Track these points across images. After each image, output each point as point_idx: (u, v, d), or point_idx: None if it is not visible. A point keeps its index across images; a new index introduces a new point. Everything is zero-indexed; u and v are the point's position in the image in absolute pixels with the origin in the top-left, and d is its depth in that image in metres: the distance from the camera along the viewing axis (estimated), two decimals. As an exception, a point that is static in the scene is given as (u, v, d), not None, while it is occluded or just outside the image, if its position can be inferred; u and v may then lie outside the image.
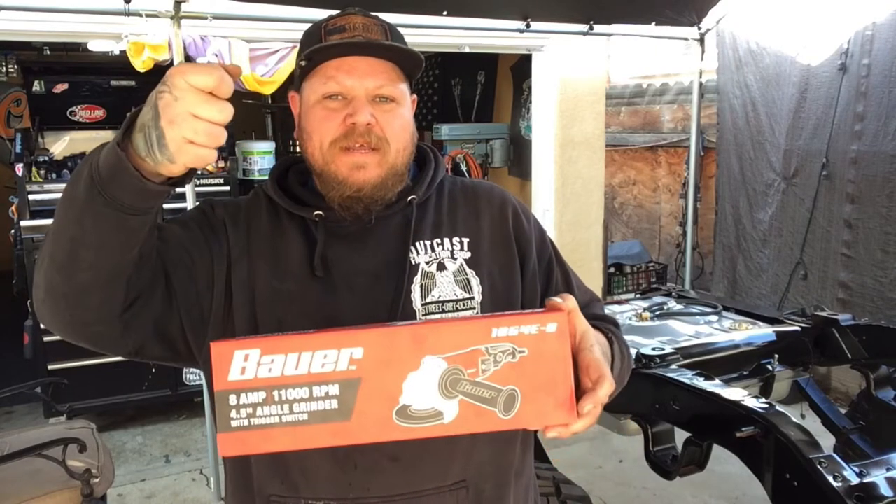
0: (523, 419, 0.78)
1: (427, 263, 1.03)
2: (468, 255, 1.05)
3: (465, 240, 1.06)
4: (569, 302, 0.82)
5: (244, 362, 0.76)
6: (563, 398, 0.78)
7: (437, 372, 0.77)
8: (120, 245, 0.83)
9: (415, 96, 1.08)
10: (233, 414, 0.76)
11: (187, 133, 0.72)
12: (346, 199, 1.00)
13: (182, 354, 1.01)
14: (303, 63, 1.01)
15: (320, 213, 1.03)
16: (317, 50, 0.98)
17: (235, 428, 0.76)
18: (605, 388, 0.81)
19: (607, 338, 1.01)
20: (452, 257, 1.04)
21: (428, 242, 1.05)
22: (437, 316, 1.01)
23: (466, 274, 1.04)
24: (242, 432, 0.76)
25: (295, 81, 1.07)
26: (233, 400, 0.76)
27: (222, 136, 0.74)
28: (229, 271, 1.00)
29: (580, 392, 0.80)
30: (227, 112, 0.73)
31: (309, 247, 1.03)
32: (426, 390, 0.76)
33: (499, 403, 0.77)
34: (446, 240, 1.06)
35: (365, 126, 0.98)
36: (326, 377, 0.76)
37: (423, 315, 1.00)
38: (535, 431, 0.89)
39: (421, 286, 1.01)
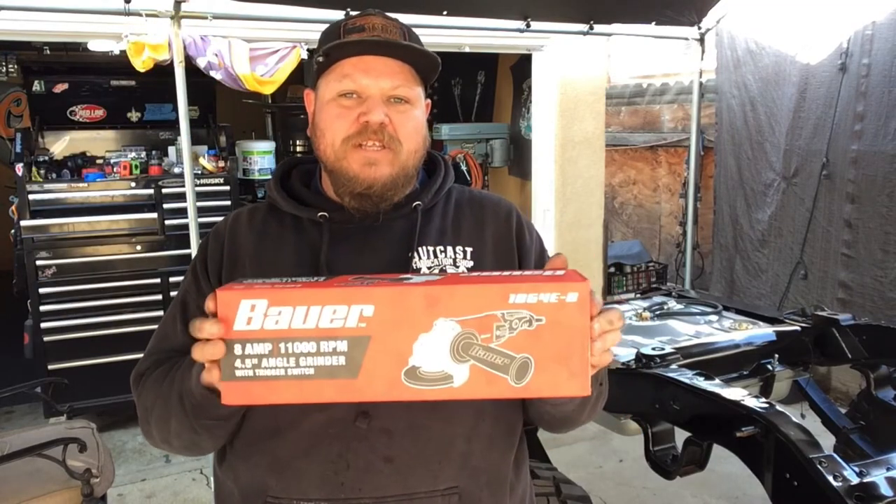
0: (535, 388, 0.75)
1: (429, 269, 1.03)
2: (470, 263, 1.05)
3: (469, 249, 1.06)
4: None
5: (251, 312, 0.75)
6: (578, 369, 0.75)
7: (450, 335, 0.74)
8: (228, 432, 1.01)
9: (429, 101, 1.08)
10: (237, 363, 0.75)
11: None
12: (357, 195, 1.01)
13: None
14: (320, 59, 1.01)
15: (324, 213, 1.03)
16: (335, 46, 0.99)
17: (240, 378, 0.75)
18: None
19: None
20: (455, 265, 1.05)
21: (431, 248, 1.05)
22: None
23: None
24: (247, 382, 0.75)
25: (310, 79, 1.08)
26: (238, 349, 0.75)
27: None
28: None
29: None
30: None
31: (309, 249, 1.03)
32: (437, 353, 0.74)
33: (511, 371, 0.75)
34: (449, 248, 1.06)
35: (378, 125, 0.99)
36: (335, 333, 0.74)
37: None
38: (535, 434, 0.88)
39: None
